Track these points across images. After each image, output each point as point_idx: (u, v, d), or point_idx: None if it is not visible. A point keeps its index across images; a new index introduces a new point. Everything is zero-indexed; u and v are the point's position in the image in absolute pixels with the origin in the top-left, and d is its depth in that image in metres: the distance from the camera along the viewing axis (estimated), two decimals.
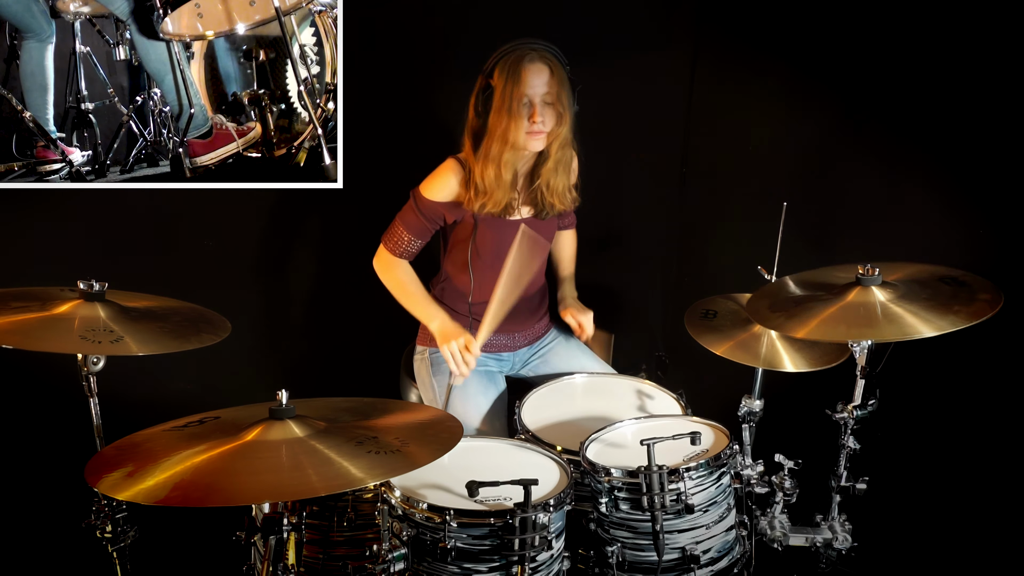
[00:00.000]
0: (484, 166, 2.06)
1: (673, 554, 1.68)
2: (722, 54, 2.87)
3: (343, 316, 2.89)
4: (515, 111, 2.00)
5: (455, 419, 1.66)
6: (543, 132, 2.04)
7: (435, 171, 2.13)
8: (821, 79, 2.58)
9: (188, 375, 2.70)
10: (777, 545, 2.01)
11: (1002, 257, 2.26)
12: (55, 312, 1.71)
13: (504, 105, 2.00)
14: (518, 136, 2.02)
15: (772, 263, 2.14)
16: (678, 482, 1.66)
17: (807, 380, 2.10)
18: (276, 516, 1.52)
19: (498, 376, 2.30)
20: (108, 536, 1.74)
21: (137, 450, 1.46)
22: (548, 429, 1.98)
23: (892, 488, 2.21)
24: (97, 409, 1.74)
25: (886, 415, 1.94)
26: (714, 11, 2.85)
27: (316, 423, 1.51)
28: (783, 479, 1.98)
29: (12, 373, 2.45)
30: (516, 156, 2.08)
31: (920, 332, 1.71)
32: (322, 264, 2.85)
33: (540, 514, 1.56)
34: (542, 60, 2.01)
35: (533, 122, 2.01)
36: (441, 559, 1.58)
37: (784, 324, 1.87)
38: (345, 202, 2.64)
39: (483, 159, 2.06)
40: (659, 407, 2.09)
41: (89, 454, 1.48)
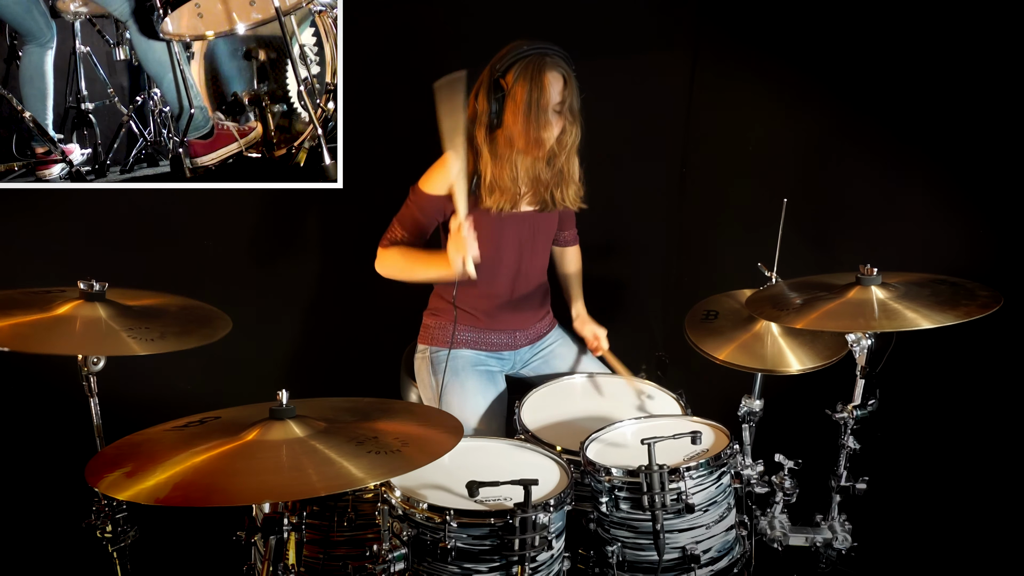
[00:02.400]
0: (499, 166, 2.07)
1: (673, 554, 1.68)
2: (722, 54, 2.87)
3: (343, 316, 2.89)
4: (537, 120, 2.00)
5: (455, 419, 1.66)
6: (551, 139, 2.06)
7: (435, 165, 2.12)
8: (821, 79, 2.58)
9: (188, 375, 2.70)
10: (777, 545, 2.01)
11: (1002, 257, 2.26)
12: (55, 313, 1.70)
13: (527, 111, 2.00)
14: (538, 142, 2.03)
15: (772, 262, 2.14)
16: (678, 482, 1.66)
17: (807, 380, 2.10)
18: (276, 516, 1.52)
19: (498, 375, 2.30)
20: (108, 536, 1.74)
21: (137, 450, 1.45)
22: (548, 429, 1.98)
23: (892, 488, 2.22)
24: (97, 409, 1.74)
25: (886, 415, 1.94)
26: (714, 11, 2.85)
27: (316, 423, 1.51)
28: (783, 479, 1.98)
29: (12, 373, 2.45)
30: (531, 160, 2.09)
31: (919, 324, 1.72)
32: (322, 264, 2.85)
33: (540, 514, 1.56)
34: (559, 69, 2.01)
35: (547, 131, 2.03)
36: (441, 559, 1.58)
37: (784, 317, 1.88)
38: (345, 202, 2.64)
39: (497, 159, 2.07)
40: (659, 407, 2.09)
41: (89, 454, 1.48)
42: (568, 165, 2.14)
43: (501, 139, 2.06)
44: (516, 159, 2.07)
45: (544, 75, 1.99)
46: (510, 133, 2.04)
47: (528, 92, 1.99)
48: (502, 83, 2.03)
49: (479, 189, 2.09)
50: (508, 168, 2.07)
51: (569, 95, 2.03)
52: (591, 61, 2.19)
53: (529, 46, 2.01)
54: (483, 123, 2.06)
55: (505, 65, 2.02)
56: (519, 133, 2.02)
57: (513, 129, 2.03)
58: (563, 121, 2.05)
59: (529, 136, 2.02)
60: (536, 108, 2.00)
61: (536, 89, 1.99)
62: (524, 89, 1.99)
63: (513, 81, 2.01)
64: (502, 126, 2.05)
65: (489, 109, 2.05)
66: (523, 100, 1.99)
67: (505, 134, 2.05)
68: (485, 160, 2.07)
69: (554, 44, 2.04)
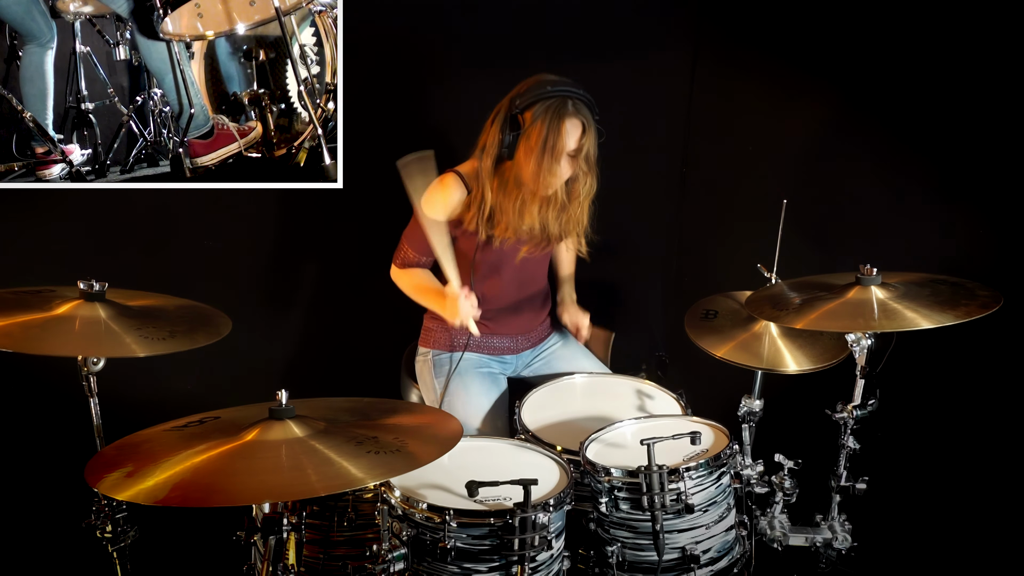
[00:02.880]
0: (506, 199, 2.05)
1: (673, 554, 1.68)
2: (722, 54, 2.87)
3: (343, 316, 2.89)
4: (548, 163, 1.98)
5: (455, 419, 1.66)
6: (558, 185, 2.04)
7: (434, 187, 2.08)
8: (821, 79, 2.58)
9: (188, 375, 2.70)
10: (777, 545, 2.01)
11: (1002, 257, 2.26)
12: (55, 313, 1.70)
13: (540, 155, 1.97)
14: (544, 184, 2.01)
15: (772, 262, 2.14)
16: (678, 482, 1.66)
17: (807, 380, 2.10)
18: (276, 516, 1.52)
19: (500, 377, 2.30)
20: (108, 536, 1.74)
21: (137, 450, 1.45)
22: (548, 429, 1.98)
23: (892, 488, 2.21)
24: (97, 409, 1.74)
25: (886, 415, 1.94)
26: (714, 11, 2.85)
27: (316, 423, 1.51)
28: (783, 479, 1.98)
29: (12, 373, 2.45)
30: (540, 206, 2.07)
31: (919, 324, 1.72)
32: (322, 264, 2.85)
33: (540, 514, 1.56)
34: (579, 116, 1.98)
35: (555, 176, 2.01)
36: (441, 559, 1.58)
37: (783, 317, 1.88)
38: (345, 202, 2.64)
39: (504, 193, 2.05)
40: (659, 407, 2.09)
41: (89, 454, 1.48)
42: (579, 215, 2.13)
43: (510, 174, 2.04)
44: (524, 199, 2.05)
45: (563, 121, 1.95)
46: (519, 171, 2.02)
47: (544, 136, 1.95)
48: (520, 119, 1.99)
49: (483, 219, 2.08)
50: (514, 208, 2.05)
51: (586, 143, 2.00)
52: (591, 61, 2.19)
53: (553, 87, 1.97)
54: (493, 154, 2.04)
55: (526, 103, 1.97)
56: (529, 174, 2.00)
57: (523, 168, 2.01)
58: (573, 166, 2.03)
59: (538, 178, 2.00)
60: (550, 153, 1.96)
61: (553, 134, 1.95)
62: (541, 132, 1.95)
63: (532, 120, 1.97)
64: (512, 160, 2.03)
65: (502, 140, 2.02)
66: (538, 142, 1.96)
67: (514, 171, 2.03)
68: (491, 191, 2.05)
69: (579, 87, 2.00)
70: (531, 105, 1.97)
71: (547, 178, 2.00)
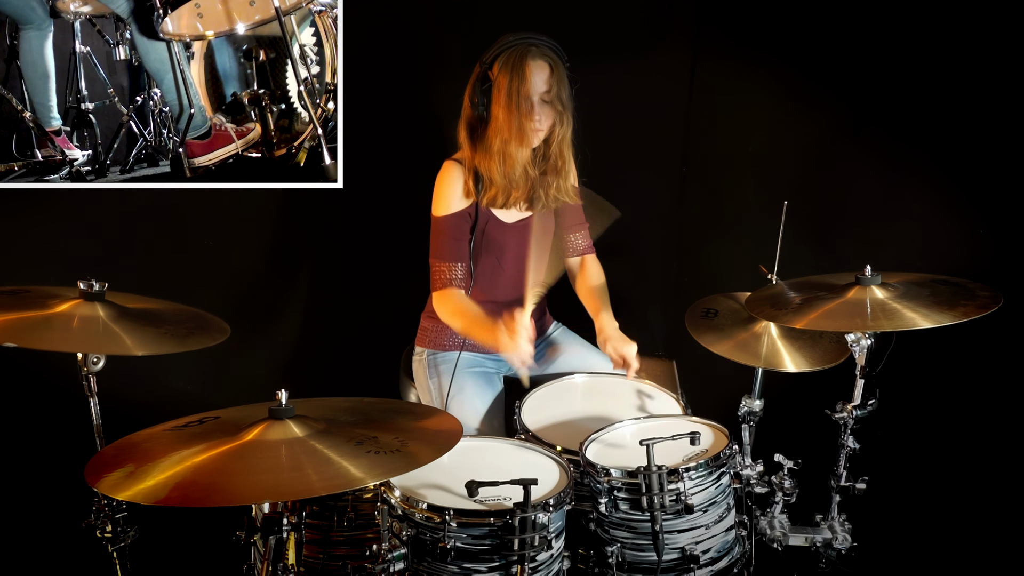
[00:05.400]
0: (489, 160, 2.07)
1: (673, 554, 1.68)
2: (722, 54, 2.87)
3: (343, 316, 2.89)
4: (519, 108, 2.00)
5: (455, 419, 1.66)
6: (540, 131, 2.05)
7: (437, 184, 2.12)
8: (821, 79, 2.58)
9: (188, 375, 2.70)
10: (777, 545, 2.01)
11: (1002, 257, 2.26)
12: (55, 312, 1.71)
13: (508, 101, 2.00)
14: (522, 132, 2.02)
15: (772, 263, 2.14)
16: (677, 482, 1.66)
17: (807, 380, 2.10)
18: (276, 516, 1.52)
19: (495, 377, 2.30)
20: (108, 536, 1.74)
21: (137, 450, 1.45)
22: (548, 429, 1.98)
23: (892, 488, 2.22)
24: (97, 409, 1.73)
25: (886, 415, 1.94)
26: (714, 11, 2.85)
27: (316, 423, 1.51)
28: (783, 479, 1.98)
29: (12, 373, 2.46)
30: (520, 151, 2.08)
31: (919, 324, 1.72)
32: (322, 264, 2.85)
33: (540, 514, 1.56)
34: (544, 57, 2.01)
35: (531, 120, 2.01)
36: (441, 559, 1.58)
37: (783, 317, 1.88)
38: (345, 202, 2.64)
39: (486, 153, 2.07)
40: (659, 407, 2.09)
41: (89, 454, 1.48)
42: (561, 158, 2.13)
43: (491, 131, 2.06)
44: (505, 151, 2.06)
45: (526, 63, 1.98)
46: (498, 125, 2.04)
47: (510, 80, 1.99)
48: (489, 75, 2.03)
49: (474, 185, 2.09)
50: (497, 161, 2.06)
51: (556, 84, 2.02)
52: (591, 61, 2.19)
53: (515, 37, 2.02)
54: (473, 116, 2.07)
55: (491, 57, 2.03)
56: (504, 123, 2.02)
57: (499, 120, 2.03)
58: (551, 111, 2.04)
59: (512, 125, 2.01)
60: (517, 97, 1.99)
61: (517, 78, 1.98)
62: (507, 78, 1.99)
63: (498, 72, 2.01)
64: (491, 119, 2.05)
65: (475, 102, 2.06)
66: (506, 89, 1.99)
67: (494, 126, 2.05)
68: (476, 155, 2.08)
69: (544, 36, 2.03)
70: (496, 58, 2.02)
71: (525, 125, 2.01)
